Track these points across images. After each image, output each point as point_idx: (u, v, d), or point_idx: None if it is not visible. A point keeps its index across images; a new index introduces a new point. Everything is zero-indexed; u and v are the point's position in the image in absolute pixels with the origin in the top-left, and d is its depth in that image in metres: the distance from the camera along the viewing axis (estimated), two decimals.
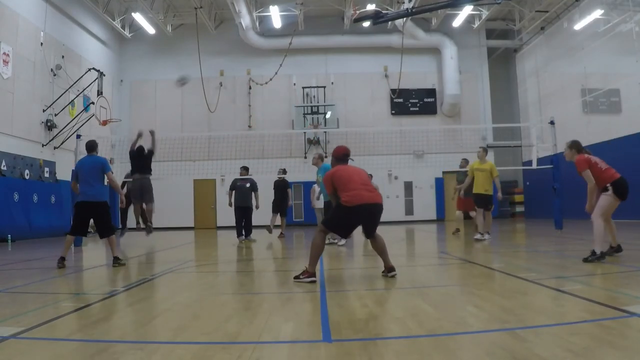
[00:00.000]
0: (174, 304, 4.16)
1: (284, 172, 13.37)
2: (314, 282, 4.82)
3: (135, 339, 2.98)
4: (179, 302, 4.28)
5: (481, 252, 7.82)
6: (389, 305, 3.84)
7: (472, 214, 11.71)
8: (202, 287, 5.19)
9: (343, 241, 9.59)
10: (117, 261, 6.85)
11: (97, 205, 7.00)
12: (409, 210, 22.02)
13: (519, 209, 23.04)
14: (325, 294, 4.28)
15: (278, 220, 13.23)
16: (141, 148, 10.28)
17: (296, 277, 4.98)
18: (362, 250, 9.08)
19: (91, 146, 7.32)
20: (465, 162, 12.47)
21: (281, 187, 13.17)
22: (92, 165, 7.12)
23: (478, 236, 9.59)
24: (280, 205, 13.12)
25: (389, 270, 5.16)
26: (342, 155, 5.49)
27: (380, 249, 5.23)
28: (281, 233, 13.23)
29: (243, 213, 11.74)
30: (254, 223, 12.09)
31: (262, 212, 13.05)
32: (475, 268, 5.85)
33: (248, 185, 11.85)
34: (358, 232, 12.82)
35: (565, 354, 2.38)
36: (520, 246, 9.18)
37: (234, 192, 11.82)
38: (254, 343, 2.79)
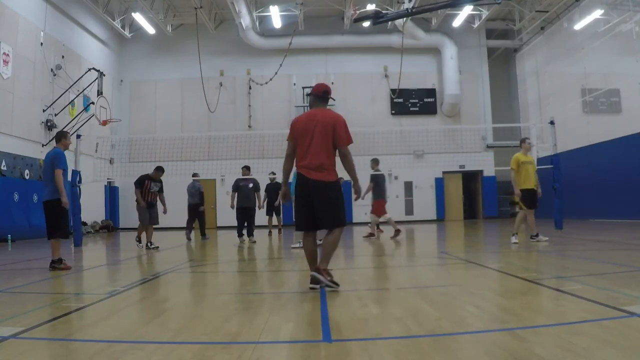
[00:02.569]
0: (174, 304, 4.16)
1: (274, 174, 13.55)
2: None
3: (135, 339, 2.98)
4: (179, 302, 4.28)
5: (481, 252, 7.81)
6: (389, 305, 3.84)
7: (383, 218, 11.19)
8: (202, 287, 5.19)
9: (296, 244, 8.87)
10: (54, 265, 6.52)
11: (45, 204, 6.64)
12: (409, 210, 22.02)
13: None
14: (325, 294, 4.28)
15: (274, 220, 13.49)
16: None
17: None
18: (361, 250, 9.08)
19: (56, 137, 6.96)
20: (375, 162, 11.56)
21: (273, 189, 13.25)
22: (44, 160, 6.76)
23: (542, 237, 8.62)
24: (273, 206, 13.30)
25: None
26: (322, 93, 4.62)
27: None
28: (279, 230, 13.39)
29: (246, 213, 11.56)
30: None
31: (260, 212, 13.12)
32: (475, 268, 5.85)
33: (251, 185, 11.69)
34: (357, 231, 12.85)
35: (565, 354, 2.38)
36: (520, 246, 9.18)
37: (236, 193, 11.69)
38: (254, 343, 2.79)
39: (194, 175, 13.11)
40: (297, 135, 4.48)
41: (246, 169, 12.09)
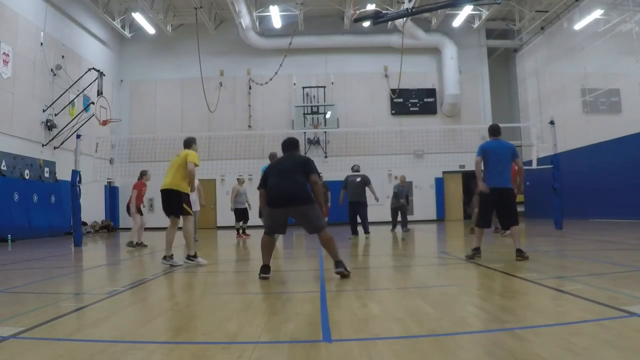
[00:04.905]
0: (174, 304, 4.16)
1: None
2: None
3: (135, 339, 2.98)
4: (179, 302, 4.28)
5: (481, 252, 7.79)
6: (389, 305, 3.84)
7: None
8: (202, 287, 5.19)
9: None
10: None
11: None
12: (409, 210, 21.97)
13: (519, 209, 22.93)
14: (325, 294, 4.28)
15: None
16: None
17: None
18: (361, 251, 9.09)
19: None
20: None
21: None
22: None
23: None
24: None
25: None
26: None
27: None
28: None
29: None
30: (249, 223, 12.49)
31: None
32: (475, 268, 5.85)
33: (359, 179, 12.09)
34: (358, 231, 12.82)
35: (565, 354, 2.38)
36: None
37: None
38: (254, 343, 2.79)
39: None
40: None
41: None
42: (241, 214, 13.64)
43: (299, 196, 5.11)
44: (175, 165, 6.84)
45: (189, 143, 7.22)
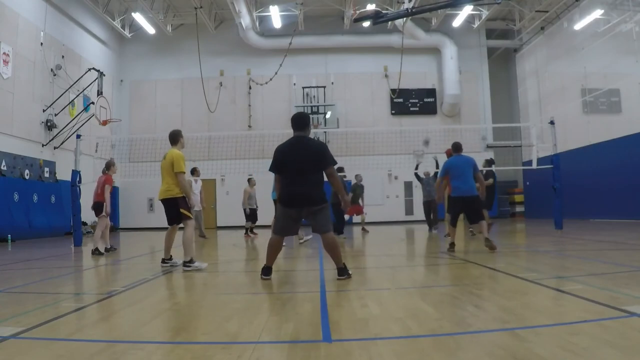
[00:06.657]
0: (174, 304, 4.16)
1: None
2: None
3: (135, 339, 2.98)
4: (179, 302, 4.28)
5: (481, 252, 7.80)
6: (389, 305, 3.84)
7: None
8: (202, 287, 5.19)
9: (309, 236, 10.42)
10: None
11: None
12: (409, 210, 22.01)
13: (519, 209, 23.05)
14: (325, 294, 4.28)
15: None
16: None
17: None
18: (360, 251, 9.09)
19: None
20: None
21: None
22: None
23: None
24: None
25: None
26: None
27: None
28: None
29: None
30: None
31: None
32: (475, 268, 5.85)
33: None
34: (357, 232, 12.87)
35: (565, 354, 2.38)
36: (520, 246, 9.18)
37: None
38: (254, 343, 2.79)
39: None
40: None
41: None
42: (251, 214, 13.73)
43: (314, 198, 5.01)
44: (164, 171, 6.49)
45: (174, 138, 6.71)
